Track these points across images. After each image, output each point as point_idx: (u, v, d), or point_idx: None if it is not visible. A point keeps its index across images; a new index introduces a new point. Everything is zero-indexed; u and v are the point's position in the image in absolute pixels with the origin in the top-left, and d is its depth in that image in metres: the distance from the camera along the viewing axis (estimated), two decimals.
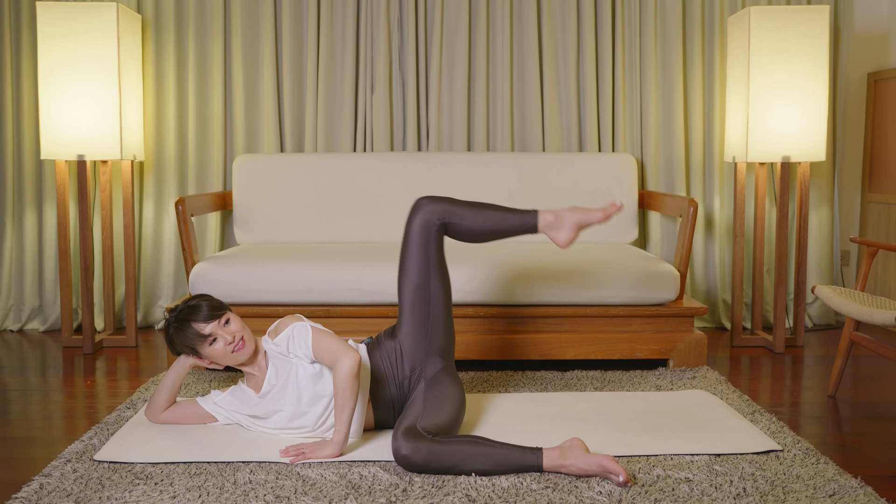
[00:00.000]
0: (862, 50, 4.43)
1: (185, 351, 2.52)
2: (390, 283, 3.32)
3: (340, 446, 2.34)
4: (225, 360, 2.49)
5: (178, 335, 2.49)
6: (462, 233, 2.54)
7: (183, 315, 2.48)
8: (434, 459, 2.20)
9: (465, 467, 2.21)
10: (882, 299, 2.95)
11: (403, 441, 2.22)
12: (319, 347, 2.43)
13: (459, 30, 4.17)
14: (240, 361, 2.50)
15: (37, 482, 2.19)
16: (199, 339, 2.46)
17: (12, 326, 4.26)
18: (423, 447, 2.21)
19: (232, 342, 2.45)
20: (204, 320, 2.46)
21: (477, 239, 2.56)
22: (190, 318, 2.46)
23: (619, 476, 2.15)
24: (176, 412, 2.59)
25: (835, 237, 4.34)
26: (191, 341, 2.47)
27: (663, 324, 3.37)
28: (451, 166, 4.05)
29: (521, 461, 2.23)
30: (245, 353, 2.48)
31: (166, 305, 3.91)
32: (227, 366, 2.56)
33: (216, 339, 2.45)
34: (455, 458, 2.21)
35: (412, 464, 2.21)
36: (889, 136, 4.25)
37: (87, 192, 3.80)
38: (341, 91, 4.20)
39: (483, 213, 2.53)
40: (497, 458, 2.22)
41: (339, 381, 2.34)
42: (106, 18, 3.72)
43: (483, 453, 2.22)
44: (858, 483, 2.17)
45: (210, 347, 2.46)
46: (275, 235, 4.00)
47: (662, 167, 4.24)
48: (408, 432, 2.25)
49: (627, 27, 4.21)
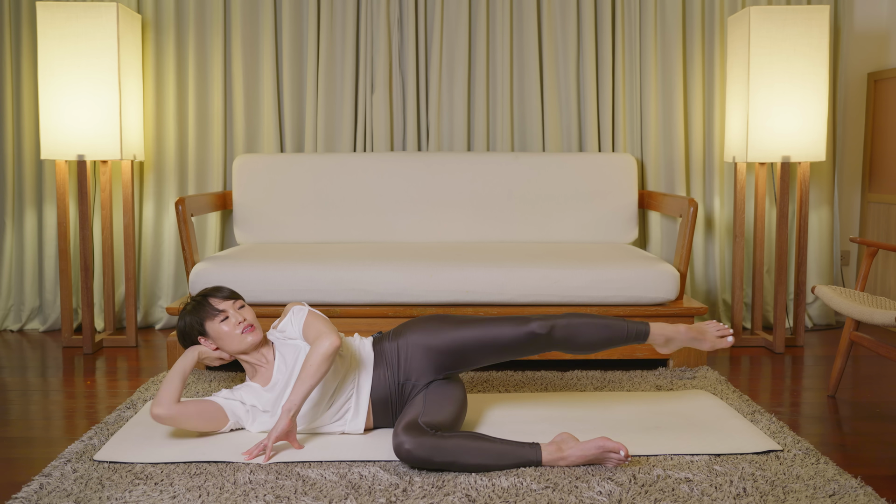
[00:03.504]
0: (862, 50, 4.43)
1: (195, 332, 2.54)
2: (390, 283, 3.32)
3: (289, 414, 2.36)
4: (232, 341, 2.51)
5: (194, 311, 2.54)
6: (567, 341, 2.52)
7: (204, 291, 2.60)
8: (436, 454, 2.21)
9: (467, 461, 2.22)
10: (882, 299, 2.95)
11: (406, 436, 2.23)
12: (309, 326, 2.50)
13: (459, 30, 4.17)
14: (246, 346, 2.52)
15: (37, 482, 2.19)
16: (211, 314, 2.51)
17: (12, 326, 4.26)
18: (425, 441, 2.22)
19: (242, 322, 2.52)
20: (222, 298, 2.57)
21: (585, 348, 2.56)
22: (210, 294, 2.58)
23: (619, 452, 2.21)
24: (186, 407, 2.46)
25: (835, 237, 4.34)
26: (204, 315, 2.52)
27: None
28: (451, 166, 4.05)
29: (521, 455, 2.26)
30: (253, 338, 2.52)
31: (166, 305, 3.91)
32: (233, 359, 2.58)
33: (228, 317, 2.52)
34: (456, 452, 2.22)
35: (415, 458, 2.22)
36: (889, 136, 4.25)
37: (87, 192, 3.80)
38: (341, 91, 4.20)
39: (596, 330, 2.53)
40: (497, 452, 2.25)
41: (311, 357, 2.37)
42: (106, 18, 3.72)
43: (483, 448, 2.24)
44: (858, 483, 2.17)
45: (220, 324, 2.51)
46: (275, 235, 4.00)
47: (662, 167, 4.24)
48: (410, 427, 2.26)
49: (627, 27, 4.21)
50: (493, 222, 4.02)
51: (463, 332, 2.53)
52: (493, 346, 2.52)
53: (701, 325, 2.63)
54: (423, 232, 4.02)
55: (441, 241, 4.00)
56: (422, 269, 3.33)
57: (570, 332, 2.50)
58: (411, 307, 3.35)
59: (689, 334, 2.59)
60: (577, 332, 2.51)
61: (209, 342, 2.55)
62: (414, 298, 3.34)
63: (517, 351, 2.54)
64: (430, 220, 4.02)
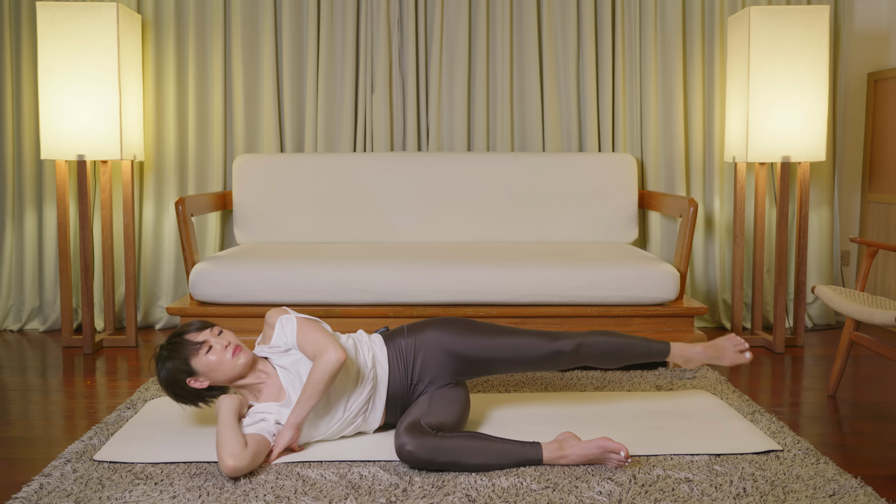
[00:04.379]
0: (862, 50, 4.43)
1: (182, 375, 2.35)
2: (390, 283, 3.32)
3: (296, 427, 2.33)
4: (225, 368, 2.35)
5: (172, 354, 2.35)
6: (591, 358, 2.60)
7: (174, 332, 2.41)
8: (438, 454, 2.21)
9: (469, 461, 2.23)
10: (882, 299, 2.95)
11: (407, 437, 2.22)
12: (305, 339, 2.38)
13: (459, 30, 4.17)
14: (241, 368, 2.36)
15: (37, 482, 2.19)
16: (193, 349, 2.34)
17: (12, 326, 4.26)
18: (427, 443, 2.22)
19: (228, 346, 2.36)
20: (196, 330, 2.40)
21: (606, 364, 2.64)
22: (182, 332, 2.40)
23: (620, 452, 2.23)
24: (250, 449, 2.25)
25: (835, 237, 4.34)
26: (185, 353, 2.35)
27: (663, 324, 3.37)
28: (451, 166, 4.05)
29: (522, 454, 2.27)
30: (245, 357, 2.36)
31: (166, 305, 3.90)
32: (229, 384, 2.42)
33: (211, 346, 2.35)
34: (458, 452, 2.22)
35: (417, 459, 2.21)
36: (889, 136, 4.25)
37: (87, 192, 3.80)
38: (341, 91, 4.20)
39: (619, 348, 2.62)
40: (499, 451, 2.25)
41: (316, 373, 2.29)
42: (106, 18, 3.72)
43: (485, 447, 2.25)
44: (858, 483, 2.17)
45: (206, 357, 2.34)
46: (275, 235, 4.00)
47: (662, 167, 4.24)
48: (411, 428, 2.25)
49: (627, 27, 4.21)
50: (493, 222, 4.02)
51: (491, 342, 2.53)
52: (519, 360, 2.55)
53: (718, 343, 2.68)
54: (423, 232, 4.02)
55: (441, 241, 4.00)
56: (422, 269, 3.33)
57: (595, 351, 2.58)
58: (411, 307, 3.35)
59: (707, 353, 2.67)
60: (600, 351, 2.58)
61: (199, 381, 2.37)
62: (414, 298, 3.34)
63: (541, 366, 2.57)
64: (430, 220, 4.02)
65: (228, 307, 3.36)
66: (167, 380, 2.37)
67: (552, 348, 2.53)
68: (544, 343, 2.54)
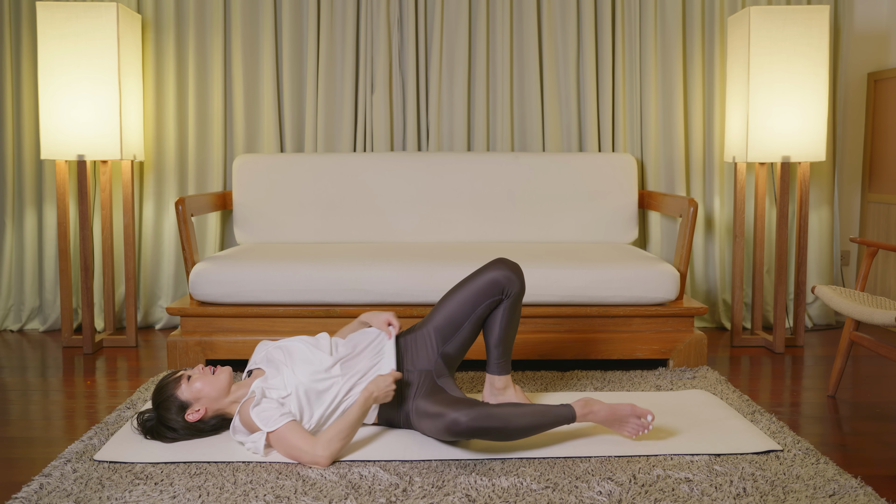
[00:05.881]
0: (862, 50, 4.43)
1: (175, 410, 2.43)
2: (390, 283, 3.32)
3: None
4: (213, 387, 2.44)
5: (161, 400, 2.44)
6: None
7: (155, 389, 2.48)
8: (491, 421, 2.27)
9: (514, 424, 2.30)
10: (882, 299, 2.95)
11: (457, 412, 2.27)
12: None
13: (459, 30, 4.17)
14: (224, 382, 2.46)
15: (37, 482, 2.19)
16: (176, 385, 2.44)
17: (12, 326, 4.26)
18: (480, 412, 2.27)
19: (205, 368, 2.47)
20: (172, 378, 2.48)
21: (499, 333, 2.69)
22: (160, 385, 2.47)
23: (647, 416, 2.37)
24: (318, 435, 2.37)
25: (835, 237, 4.34)
26: (172, 391, 2.43)
27: (663, 324, 3.37)
28: (451, 166, 4.05)
29: (558, 414, 2.38)
30: (224, 374, 2.47)
31: (166, 305, 3.89)
32: (224, 405, 2.49)
33: (190, 375, 2.46)
34: (507, 417, 2.29)
35: (472, 430, 2.26)
36: (889, 136, 4.25)
37: (87, 192, 3.81)
38: (341, 91, 4.20)
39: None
40: (538, 413, 2.35)
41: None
42: (106, 18, 3.72)
43: (525, 411, 2.34)
44: (858, 483, 2.17)
45: (191, 385, 2.44)
46: (275, 235, 4.00)
47: (662, 167, 4.24)
48: (455, 402, 2.32)
49: (627, 27, 4.21)
50: (493, 222, 4.02)
51: (444, 300, 2.68)
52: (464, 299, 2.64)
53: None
54: (423, 232, 4.02)
55: (441, 241, 4.00)
56: (422, 269, 3.33)
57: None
58: (411, 307, 3.35)
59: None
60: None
61: (196, 412, 2.43)
62: (414, 298, 3.34)
63: (481, 298, 2.62)
64: (430, 220, 4.02)
65: (228, 307, 3.36)
66: (164, 420, 2.44)
67: (488, 277, 2.63)
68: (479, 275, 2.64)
